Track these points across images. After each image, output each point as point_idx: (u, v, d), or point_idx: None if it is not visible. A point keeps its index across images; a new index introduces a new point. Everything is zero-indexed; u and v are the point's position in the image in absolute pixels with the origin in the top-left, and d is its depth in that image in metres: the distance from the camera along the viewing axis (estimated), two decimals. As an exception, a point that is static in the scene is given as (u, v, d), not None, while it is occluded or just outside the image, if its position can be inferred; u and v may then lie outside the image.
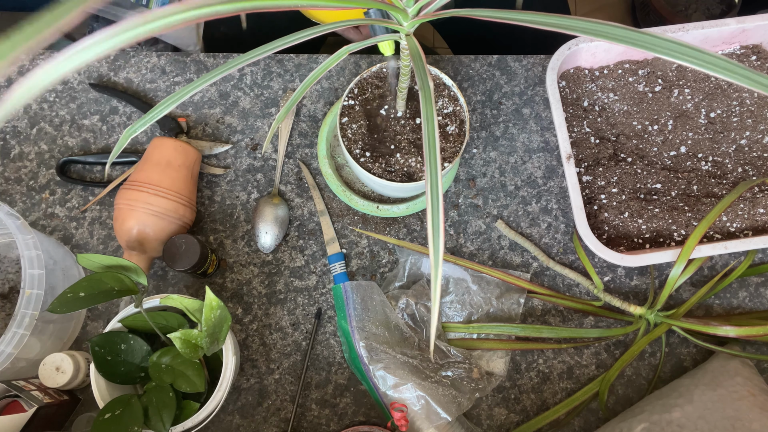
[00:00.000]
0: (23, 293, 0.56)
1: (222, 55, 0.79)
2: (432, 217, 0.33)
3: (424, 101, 0.38)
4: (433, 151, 0.35)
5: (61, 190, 0.73)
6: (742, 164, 0.72)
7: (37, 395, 0.60)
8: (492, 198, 0.74)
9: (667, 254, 0.63)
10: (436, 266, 0.32)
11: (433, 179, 0.34)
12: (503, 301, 0.70)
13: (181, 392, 0.58)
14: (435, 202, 0.33)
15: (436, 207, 0.33)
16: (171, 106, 0.40)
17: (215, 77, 0.39)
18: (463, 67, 0.79)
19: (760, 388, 0.62)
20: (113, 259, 0.56)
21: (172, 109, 0.77)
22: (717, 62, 0.30)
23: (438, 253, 0.33)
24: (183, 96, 0.39)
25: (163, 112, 0.40)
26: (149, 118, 0.41)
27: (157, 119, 0.40)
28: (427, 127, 0.36)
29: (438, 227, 0.33)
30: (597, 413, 0.68)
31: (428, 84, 0.38)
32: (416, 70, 0.41)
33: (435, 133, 0.36)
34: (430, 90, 0.38)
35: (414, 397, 0.63)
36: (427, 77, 0.39)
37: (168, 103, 0.40)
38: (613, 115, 0.74)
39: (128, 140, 0.42)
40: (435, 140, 0.35)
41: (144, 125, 0.41)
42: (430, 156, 0.35)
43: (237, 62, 0.39)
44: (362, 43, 0.47)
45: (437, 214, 0.33)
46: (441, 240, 0.33)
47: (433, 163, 0.34)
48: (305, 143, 0.76)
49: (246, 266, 0.72)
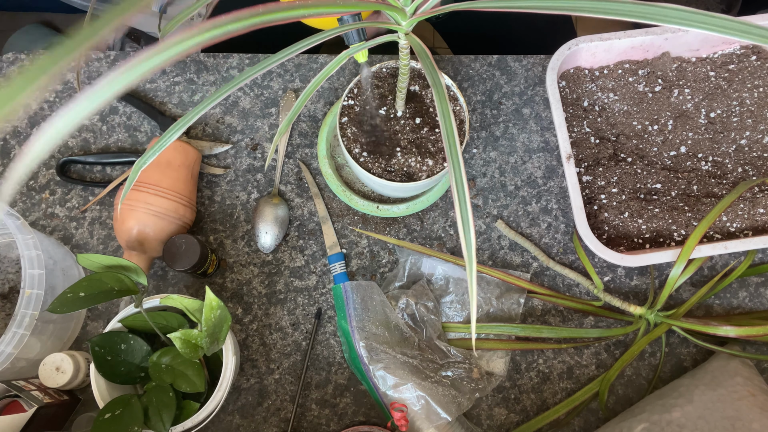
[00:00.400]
0: (23, 293, 0.56)
1: (222, 55, 0.79)
2: (462, 216, 0.33)
3: (439, 99, 0.37)
4: (454, 147, 0.35)
5: (61, 190, 0.73)
6: (742, 164, 0.72)
7: (37, 395, 0.60)
8: (492, 198, 0.74)
9: (667, 254, 0.63)
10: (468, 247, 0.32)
11: (458, 176, 0.34)
12: (503, 301, 0.70)
13: (181, 392, 0.58)
14: (462, 197, 0.33)
15: (464, 209, 0.33)
16: (191, 120, 0.40)
17: (232, 88, 0.39)
18: (463, 67, 0.79)
19: (760, 388, 0.62)
20: (113, 259, 0.56)
21: (172, 102, 0.77)
22: (723, 23, 0.29)
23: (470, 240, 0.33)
24: (203, 110, 0.39)
25: (183, 128, 0.40)
26: (174, 131, 0.41)
27: (176, 137, 0.40)
28: (445, 125, 0.36)
29: (468, 223, 0.33)
30: (597, 413, 0.68)
31: (440, 81, 0.38)
32: (425, 67, 0.40)
33: (453, 129, 0.35)
34: (443, 87, 0.38)
35: (414, 397, 0.63)
36: (437, 73, 0.39)
37: (189, 118, 0.40)
38: (613, 115, 0.74)
39: (138, 174, 0.43)
40: (454, 135, 0.35)
41: (160, 149, 0.41)
42: (452, 150, 0.35)
43: (249, 74, 0.39)
44: (362, 44, 0.47)
45: (466, 217, 0.33)
46: (471, 233, 0.33)
47: (455, 155, 0.34)
48: (305, 143, 0.76)
49: (246, 266, 0.72)
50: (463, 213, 0.33)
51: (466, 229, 0.33)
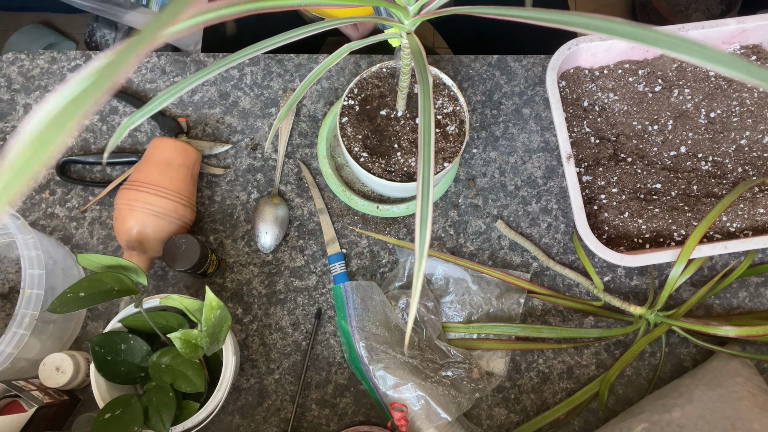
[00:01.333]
0: (23, 293, 0.56)
1: (222, 55, 0.79)
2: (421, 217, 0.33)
3: (423, 96, 0.38)
4: (427, 148, 0.35)
5: (61, 190, 0.73)
6: (742, 164, 0.72)
7: (37, 395, 0.60)
8: (492, 198, 0.74)
9: (667, 254, 0.63)
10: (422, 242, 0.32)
11: (425, 173, 0.34)
12: (503, 301, 0.70)
13: (181, 392, 0.58)
14: (425, 201, 0.33)
15: (425, 209, 0.33)
16: (172, 97, 0.40)
17: (215, 71, 0.39)
18: (463, 67, 0.79)
19: (760, 388, 0.62)
20: (113, 259, 0.56)
21: (172, 101, 0.77)
22: (721, 57, 0.29)
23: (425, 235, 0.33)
24: (184, 87, 0.39)
25: (163, 104, 0.40)
26: (147, 110, 0.40)
27: (154, 112, 0.40)
28: (423, 122, 0.36)
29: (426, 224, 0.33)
30: (597, 413, 0.68)
31: (428, 79, 0.38)
32: (416, 66, 0.41)
33: (431, 128, 0.36)
34: (429, 85, 0.38)
35: (414, 397, 0.63)
36: (427, 73, 0.39)
37: (170, 93, 0.40)
38: (613, 115, 0.74)
39: (125, 132, 0.42)
40: (430, 136, 0.35)
41: (142, 117, 0.41)
42: (424, 150, 0.35)
43: (238, 56, 0.39)
44: (362, 41, 0.47)
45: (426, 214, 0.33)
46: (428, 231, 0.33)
47: (427, 155, 0.35)
48: (305, 143, 0.76)
49: (246, 266, 0.72)
50: (423, 211, 0.33)
51: (423, 228, 0.33)
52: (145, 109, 0.41)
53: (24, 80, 0.77)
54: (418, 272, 0.32)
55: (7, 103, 0.76)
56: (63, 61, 0.78)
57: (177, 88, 0.39)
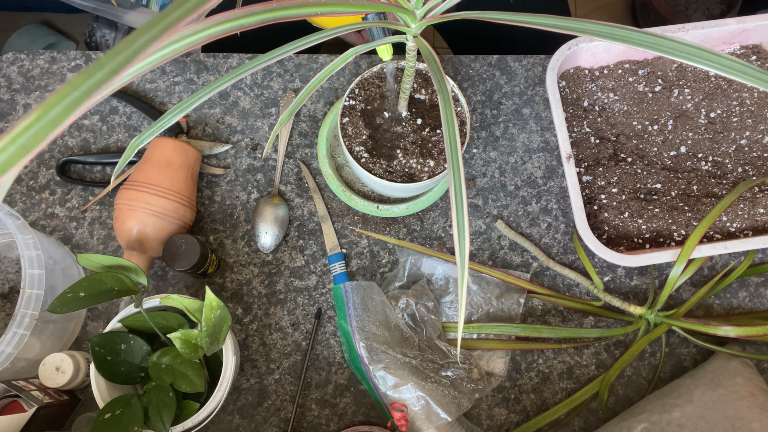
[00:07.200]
0: (23, 293, 0.56)
1: (222, 55, 0.79)
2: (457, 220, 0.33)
3: (444, 105, 0.38)
4: (455, 154, 0.35)
5: (61, 190, 0.73)
6: (742, 164, 0.72)
7: (37, 395, 0.60)
8: (492, 198, 0.74)
9: (667, 254, 0.63)
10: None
11: (456, 183, 0.34)
12: (503, 301, 0.70)
13: (181, 392, 0.58)
14: (459, 202, 0.33)
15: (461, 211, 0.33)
16: (184, 111, 0.40)
17: (227, 82, 0.39)
18: (463, 67, 0.79)
19: (760, 388, 0.62)
20: (113, 259, 0.56)
21: (172, 102, 0.77)
22: (719, 60, 0.30)
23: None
24: (199, 99, 0.39)
25: (175, 118, 0.40)
26: (160, 125, 0.40)
27: (167, 127, 0.40)
28: (448, 133, 0.36)
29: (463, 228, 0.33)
30: (597, 413, 0.68)
31: (446, 87, 0.38)
32: (432, 73, 0.41)
33: (456, 137, 0.36)
34: (449, 93, 0.38)
35: (414, 398, 0.63)
36: (444, 80, 0.39)
37: (181, 108, 0.40)
38: (613, 115, 0.74)
39: (135, 151, 0.42)
40: (456, 143, 0.35)
41: (153, 134, 0.41)
42: (452, 157, 0.35)
43: (248, 68, 0.39)
44: (368, 45, 0.47)
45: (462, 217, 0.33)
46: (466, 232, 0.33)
47: (456, 163, 0.35)
48: (305, 143, 0.76)
49: (246, 266, 0.72)
50: (459, 218, 0.34)
51: (462, 236, 0.34)
52: (157, 125, 0.41)
53: (24, 80, 0.77)
54: (462, 283, 0.33)
55: (7, 103, 0.76)
56: (63, 61, 0.78)
57: (195, 98, 0.39)
